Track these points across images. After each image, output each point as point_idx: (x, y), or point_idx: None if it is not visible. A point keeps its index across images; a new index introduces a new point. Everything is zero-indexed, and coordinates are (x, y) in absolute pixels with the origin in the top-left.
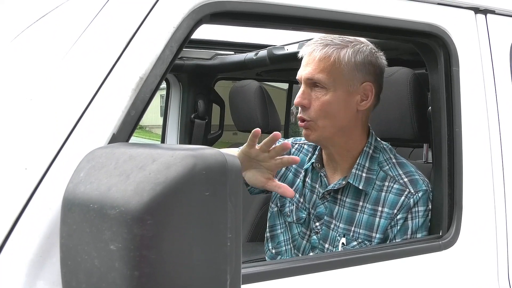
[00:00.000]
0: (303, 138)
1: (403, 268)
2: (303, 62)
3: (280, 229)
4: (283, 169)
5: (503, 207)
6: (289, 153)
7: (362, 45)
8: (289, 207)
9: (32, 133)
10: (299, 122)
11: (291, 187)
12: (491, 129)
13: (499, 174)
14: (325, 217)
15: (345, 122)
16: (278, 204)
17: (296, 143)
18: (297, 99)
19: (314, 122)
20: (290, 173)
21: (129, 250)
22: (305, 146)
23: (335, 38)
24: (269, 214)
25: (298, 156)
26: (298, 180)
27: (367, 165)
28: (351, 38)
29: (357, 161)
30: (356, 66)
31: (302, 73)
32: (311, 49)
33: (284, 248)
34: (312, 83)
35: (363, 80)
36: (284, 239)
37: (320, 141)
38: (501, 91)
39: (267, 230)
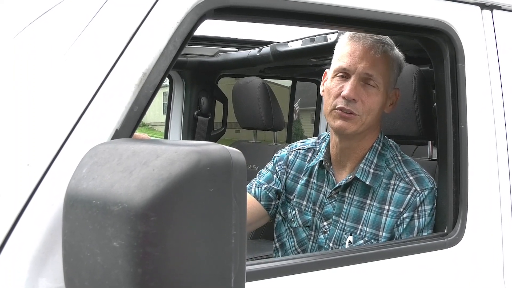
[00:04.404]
0: (298, 144)
1: (408, 266)
2: (354, 53)
3: (286, 236)
4: (282, 176)
5: (509, 205)
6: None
7: (395, 47)
8: (290, 212)
9: (34, 129)
10: (339, 111)
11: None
12: (497, 126)
13: (505, 171)
14: (333, 217)
15: (376, 121)
16: (281, 212)
17: (292, 151)
18: (348, 92)
19: (360, 117)
20: (289, 180)
21: (133, 247)
22: (301, 151)
23: (381, 36)
24: (275, 225)
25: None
26: (298, 185)
27: (375, 161)
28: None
29: (366, 156)
30: (398, 71)
31: (358, 65)
32: (370, 44)
33: (291, 255)
34: (366, 79)
35: (395, 84)
36: (289, 246)
37: (352, 134)
38: (507, 87)
39: (275, 240)
